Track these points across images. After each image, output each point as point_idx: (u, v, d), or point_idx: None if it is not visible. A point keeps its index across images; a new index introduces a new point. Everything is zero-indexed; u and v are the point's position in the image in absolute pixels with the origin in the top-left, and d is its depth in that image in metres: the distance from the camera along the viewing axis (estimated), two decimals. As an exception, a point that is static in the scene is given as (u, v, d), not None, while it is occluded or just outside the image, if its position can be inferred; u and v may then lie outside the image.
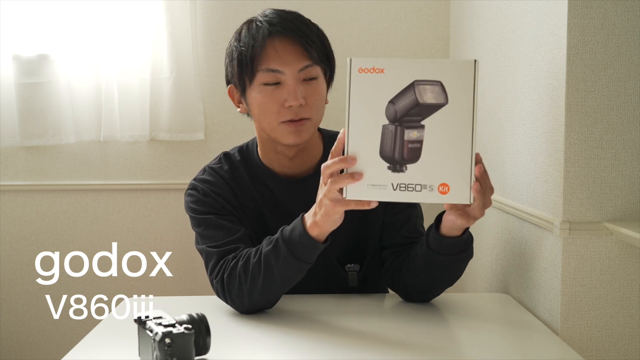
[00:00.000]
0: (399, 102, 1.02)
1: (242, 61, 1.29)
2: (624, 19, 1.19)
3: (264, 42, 1.27)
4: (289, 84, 1.27)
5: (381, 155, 1.03)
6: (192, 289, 2.24)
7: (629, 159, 1.22)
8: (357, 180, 1.03)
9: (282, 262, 1.19)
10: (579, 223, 1.22)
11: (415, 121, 1.02)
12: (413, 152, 1.02)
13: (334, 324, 1.24)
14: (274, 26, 1.27)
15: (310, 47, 1.28)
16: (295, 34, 1.27)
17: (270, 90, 1.28)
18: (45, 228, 2.23)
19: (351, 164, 1.03)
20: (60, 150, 2.20)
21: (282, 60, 1.26)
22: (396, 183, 1.02)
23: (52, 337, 2.26)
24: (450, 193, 1.02)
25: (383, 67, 1.02)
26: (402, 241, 1.35)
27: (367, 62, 1.02)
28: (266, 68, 1.27)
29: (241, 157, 1.41)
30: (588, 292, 1.24)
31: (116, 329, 1.25)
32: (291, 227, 1.20)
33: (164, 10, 2.10)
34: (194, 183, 1.38)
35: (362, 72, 1.03)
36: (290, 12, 1.33)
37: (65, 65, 2.12)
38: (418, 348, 1.13)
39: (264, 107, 1.29)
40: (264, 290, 1.23)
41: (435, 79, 1.02)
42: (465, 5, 1.95)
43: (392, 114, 1.02)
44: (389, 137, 1.02)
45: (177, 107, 2.14)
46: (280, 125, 1.29)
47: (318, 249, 1.18)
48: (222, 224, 1.31)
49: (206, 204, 1.34)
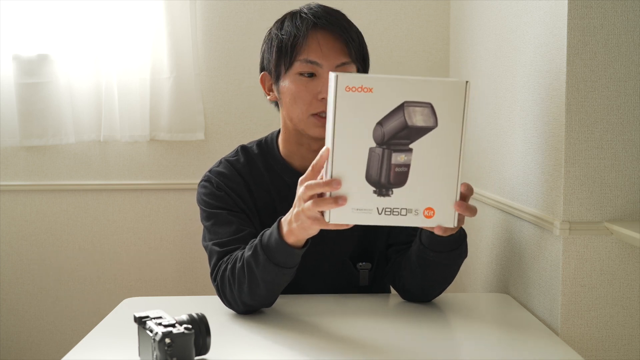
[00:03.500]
0: (387, 123, 0.98)
1: (282, 49, 1.30)
2: (624, 19, 1.19)
3: (307, 33, 1.28)
4: (325, 77, 1.27)
5: (367, 179, 0.99)
6: (192, 289, 2.24)
7: (629, 159, 1.22)
8: (340, 206, 0.98)
9: (262, 268, 1.17)
10: (579, 223, 1.22)
11: (403, 144, 0.98)
12: (400, 176, 0.99)
13: (334, 324, 1.24)
14: (319, 19, 1.29)
15: (351, 45, 1.30)
16: (339, 30, 1.29)
17: (305, 80, 1.29)
18: (45, 228, 2.23)
19: (336, 188, 0.98)
20: (60, 150, 2.20)
21: (323, 53, 1.28)
22: (381, 207, 0.99)
23: (52, 337, 2.26)
24: (434, 217, 1.00)
25: (372, 87, 0.97)
26: (407, 239, 1.35)
27: (355, 80, 0.97)
28: (305, 59, 1.28)
29: (259, 151, 1.41)
30: (588, 292, 1.24)
31: (116, 329, 1.25)
32: (269, 233, 1.17)
33: (164, 10, 2.10)
34: (209, 175, 1.38)
35: (349, 91, 0.97)
36: (335, 10, 1.35)
37: (65, 65, 2.12)
38: (418, 348, 1.13)
39: (297, 97, 1.29)
40: (252, 294, 1.22)
41: (425, 101, 0.98)
42: (465, 5, 1.95)
43: (380, 137, 0.98)
44: (376, 161, 0.98)
45: (177, 107, 2.14)
46: (309, 118, 1.30)
47: (296, 255, 1.15)
48: (231, 221, 1.31)
49: (218, 198, 1.34)
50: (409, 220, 1.00)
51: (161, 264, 2.25)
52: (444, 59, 2.18)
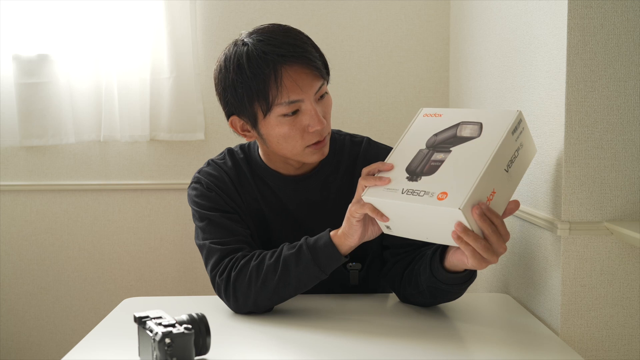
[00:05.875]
0: (441, 134, 1.15)
1: (254, 95, 1.22)
2: (624, 19, 1.19)
3: (279, 74, 1.20)
4: (309, 109, 1.23)
5: (406, 169, 1.13)
6: (192, 289, 2.24)
7: (629, 159, 1.22)
8: (384, 184, 1.11)
9: (303, 267, 1.21)
10: (579, 223, 1.22)
11: (446, 147, 1.13)
12: (432, 168, 1.10)
13: (333, 324, 1.24)
14: (284, 57, 1.20)
15: (318, 66, 1.24)
16: (305, 59, 1.21)
17: (291, 120, 1.23)
18: (45, 228, 2.23)
19: (387, 168, 1.14)
20: (60, 150, 2.21)
21: (303, 90, 1.21)
22: (406, 188, 1.09)
23: (52, 337, 2.26)
24: (446, 199, 1.05)
25: (442, 113, 1.19)
26: (403, 241, 1.35)
27: (432, 110, 1.20)
28: (286, 101, 1.21)
29: (244, 155, 1.40)
30: (588, 292, 1.24)
31: (116, 329, 1.25)
32: (317, 237, 1.23)
33: (164, 10, 2.10)
34: (198, 176, 1.38)
35: (425, 117, 1.20)
36: (285, 32, 1.24)
37: (65, 65, 2.12)
38: (418, 348, 1.13)
39: (287, 137, 1.25)
40: (274, 292, 1.23)
41: (478, 121, 1.13)
42: (465, 5, 1.95)
43: (431, 142, 1.15)
44: (420, 157, 1.13)
45: (177, 107, 2.14)
46: (305, 150, 1.27)
47: (339, 260, 1.21)
48: (225, 222, 1.31)
49: (210, 199, 1.34)
50: (423, 199, 1.07)
51: (161, 264, 2.25)
52: (444, 59, 2.18)
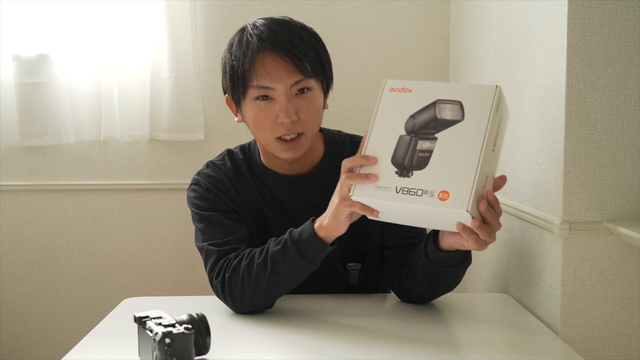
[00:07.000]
0: (419, 116, 1.09)
1: (234, 75, 1.27)
2: (624, 19, 1.19)
3: (253, 59, 1.23)
4: (281, 100, 1.24)
5: (392, 161, 1.07)
6: (192, 289, 2.24)
7: (629, 159, 1.22)
8: (371, 181, 1.06)
9: (290, 262, 1.20)
10: (579, 223, 1.22)
11: (430, 133, 1.07)
12: (421, 160, 1.05)
13: (334, 324, 1.24)
14: (263, 42, 1.23)
15: (302, 62, 1.23)
16: (284, 50, 1.22)
17: (264, 105, 1.25)
18: (45, 228, 2.23)
19: (372, 162, 1.08)
20: (60, 150, 2.21)
21: (272, 78, 1.23)
22: (400, 187, 1.04)
23: (52, 337, 2.26)
24: (449, 200, 1.02)
25: (411, 88, 1.11)
26: (403, 241, 1.35)
27: (398, 83, 1.13)
28: (256, 85, 1.24)
29: (243, 156, 1.41)
30: (588, 292, 1.24)
31: (116, 329, 1.25)
32: (300, 229, 1.21)
33: (164, 10, 2.10)
34: (197, 178, 1.38)
35: (392, 91, 1.12)
36: (282, 23, 1.27)
37: (65, 65, 2.12)
38: (418, 348, 1.13)
39: (258, 122, 1.27)
40: (267, 290, 1.23)
41: (456, 99, 1.08)
42: (465, 5, 1.95)
43: (411, 127, 1.09)
44: (403, 146, 1.07)
45: (177, 107, 2.14)
46: (274, 142, 1.27)
47: (326, 250, 1.19)
48: (224, 222, 1.31)
49: (209, 200, 1.34)
50: (424, 201, 1.03)
51: (161, 264, 2.25)
52: (444, 59, 2.18)
